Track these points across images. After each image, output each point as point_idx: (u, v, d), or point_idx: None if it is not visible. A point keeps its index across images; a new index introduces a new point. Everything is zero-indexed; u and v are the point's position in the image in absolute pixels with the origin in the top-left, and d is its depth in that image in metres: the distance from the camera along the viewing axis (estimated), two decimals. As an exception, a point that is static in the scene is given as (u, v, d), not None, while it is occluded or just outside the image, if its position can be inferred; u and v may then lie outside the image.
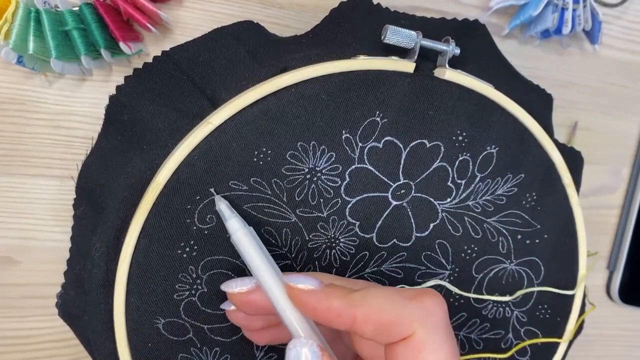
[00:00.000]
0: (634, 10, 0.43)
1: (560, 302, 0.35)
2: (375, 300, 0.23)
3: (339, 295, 0.23)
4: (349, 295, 0.23)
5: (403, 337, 0.22)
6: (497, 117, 0.31)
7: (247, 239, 0.26)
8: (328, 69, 0.28)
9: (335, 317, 0.23)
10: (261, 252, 0.25)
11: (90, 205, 0.31)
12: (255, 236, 0.26)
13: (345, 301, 0.23)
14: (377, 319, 0.22)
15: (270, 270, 0.25)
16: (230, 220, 0.26)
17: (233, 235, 0.26)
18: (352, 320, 0.23)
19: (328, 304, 0.23)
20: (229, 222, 0.26)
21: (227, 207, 0.27)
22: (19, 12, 0.30)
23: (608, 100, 0.44)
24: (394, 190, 0.30)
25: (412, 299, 0.23)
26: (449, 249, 0.32)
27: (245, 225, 0.26)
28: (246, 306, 0.26)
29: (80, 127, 0.34)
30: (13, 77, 0.33)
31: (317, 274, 0.28)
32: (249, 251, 0.25)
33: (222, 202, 0.27)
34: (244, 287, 0.26)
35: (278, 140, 0.27)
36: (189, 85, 0.29)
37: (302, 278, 0.24)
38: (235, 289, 0.26)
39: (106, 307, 0.28)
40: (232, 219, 0.26)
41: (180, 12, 0.35)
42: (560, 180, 0.34)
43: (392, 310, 0.22)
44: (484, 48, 0.34)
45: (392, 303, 0.23)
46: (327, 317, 0.23)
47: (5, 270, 0.34)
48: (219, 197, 0.27)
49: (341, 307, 0.23)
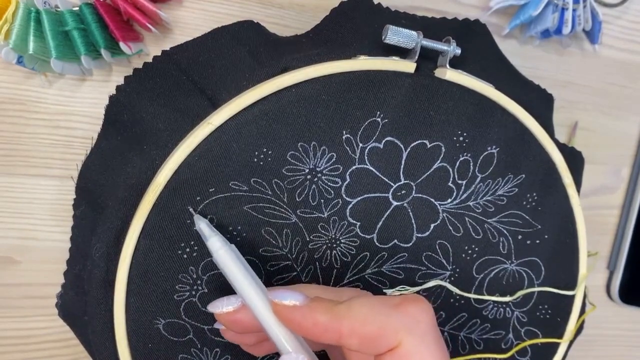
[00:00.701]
0: (634, 10, 0.43)
1: (560, 303, 0.35)
2: (359, 312, 0.23)
3: (323, 309, 0.23)
4: (334, 309, 0.23)
5: (390, 348, 0.22)
6: (498, 117, 0.31)
7: (229, 258, 0.25)
8: (329, 69, 0.28)
9: (322, 332, 0.23)
10: (244, 269, 0.25)
11: (90, 206, 0.31)
12: (238, 254, 0.26)
13: (330, 315, 0.23)
14: (361, 332, 0.22)
15: (254, 287, 0.25)
16: (211, 239, 0.26)
17: (214, 254, 0.25)
18: (339, 334, 0.22)
19: (313, 319, 0.23)
20: (210, 242, 0.25)
21: (207, 226, 0.26)
22: (19, 12, 0.30)
23: (608, 100, 0.44)
24: (394, 190, 0.30)
25: (396, 308, 0.23)
26: (449, 249, 0.32)
27: (226, 243, 0.26)
28: (234, 325, 0.26)
29: (80, 127, 0.34)
30: (13, 77, 0.33)
31: (303, 287, 0.28)
32: (231, 270, 0.25)
33: (201, 221, 0.26)
34: (230, 306, 0.25)
35: (278, 140, 0.27)
36: (189, 85, 0.29)
37: (287, 293, 0.24)
38: (223, 309, 0.25)
39: (106, 308, 0.28)
40: (213, 237, 0.26)
41: (180, 12, 0.35)
42: (561, 180, 0.34)
43: (377, 322, 0.22)
44: (485, 48, 0.34)
45: (376, 314, 0.22)
46: (314, 332, 0.23)
47: (5, 270, 0.34)
48: (198, 216, 0.27)
49: (326, 322, 0.23)
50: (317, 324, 0.23)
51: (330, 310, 0.23)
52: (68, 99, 0.34)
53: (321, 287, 0.29)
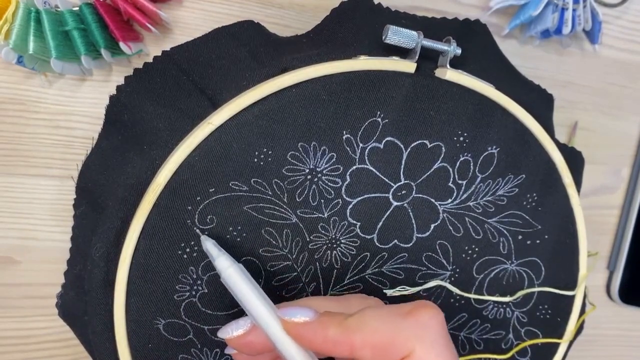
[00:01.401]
0: (634, 10, 0.43)
1: (560, 303, 0.35)
2: (370, 324, 0.23)
3: (334, 323, 0.23)
4: (345, 322, 0.23)
5: (402, 357, 0.22)
6: (498, 117, 0.31)
7: (238, 276, 0.25)
8: (329, 69, 0.28)
9: (333, 347, 0.23)
10: (253, 287, 0.25)
11: (90, 206, 0.31)
12: (246, 272, 0.25)
13: (341, 329, 0.23)
14: (373, 343, 0.22)
15: (265, 306, 0.24)
16: (219, 259, 0.25)
17: (223, 273, 0.25)
18: (350, 347, 0.23)
19: (324, 334, 0.23)
20: (218, 261, 0.25)
21: (214, 246, 0.26)
22: (19, 12, 0.30)
23: (608, 100, 0.44)
24: (394, 190, 0.30)
25: (406, 316, 0.23)
26: (449, 249, 0.32)
27: (234, 262, 0.25)
28: (246, 348, 0.25)
29: (80, 127, 0.34)
30: (13, 77, 0.33)
31: (310, 300, 0.28)
32: (241, 289, 0.25)
33: (208, 241, 0.26)
34: (240, 329, 0.25)
35: (279, 140, 0.27)
36: (189, 85, 0.29)
37: (296, 310, 0.24)
38: (233, 334, 0.25)
39: (106, 308, 0.28)
40: (221, 257, 0.25)
41: (180, 12, 0.35)
42: (561, 180, 0.34)
43: (388, 332, 0.22)
44: (485, 48, 0.34)
45: (387, 324, 0.23)
46: (325, 347, 0.23)
47: (5, 270, 0.34)
48: (205, 237, 0.27)
49: (337, 336, 0.23)
50: (327, 338, 0.23)
51: (341, 325, 0.23)
52: (68, 99, 0.34)
53: (327, 299, 0.29)
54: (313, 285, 0.30)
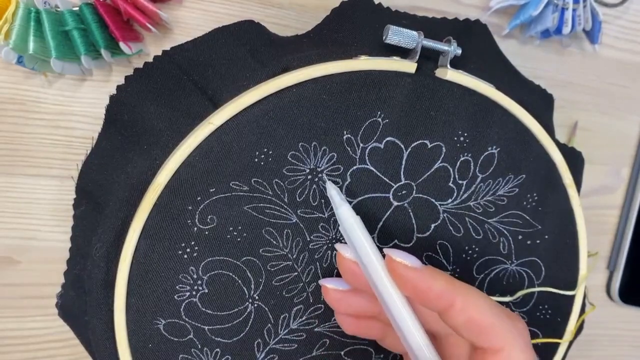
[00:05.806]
0: (634, 10, 0.43)
1: (560, 303, 0.35)
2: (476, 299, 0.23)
3: (443, 278, 0.24)
4: (453, 281, 0.24)
5: (492, 347, 0.23)
6: (498, 117, 0.31)
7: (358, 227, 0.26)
8: (329, 69, 0.28)
9: (435, 298, 0.24)
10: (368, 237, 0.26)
11: (91, 205, 0.30)
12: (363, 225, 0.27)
13: (448, 286, 0.24)
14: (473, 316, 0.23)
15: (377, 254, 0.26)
16: (341, 208, 0.27)
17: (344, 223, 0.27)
18: (450, 304, 0.23)
19: (429, 283, 0.24)
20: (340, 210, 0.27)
21: (338, 194, 0.27)
22: (19, 12, 0.30)
23: (608, 100, 0.44)
24: (395, 190, 0.30)
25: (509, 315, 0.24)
26: (450, 249, 0.32)
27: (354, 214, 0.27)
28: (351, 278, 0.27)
29: (80, 127, 0.34)
30: (13, 77, 0.33)
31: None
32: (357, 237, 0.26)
33: (333, 189, 0.28)
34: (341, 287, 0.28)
35: (279, 140, 0.27)
36: (189, 85, 0.29)
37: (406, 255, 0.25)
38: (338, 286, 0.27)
39: (106, 308, 0.28)
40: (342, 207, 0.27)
41: (180, 12, 0.35)
42: (561, 180, 0.34)
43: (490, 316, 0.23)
44: (485, 48, 0.34)
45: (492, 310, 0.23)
46: (427, 296, 0.24)
47: (5, 270, 0.34)
48: (330, 184, 0.28)
49: (443, 290, 0.23)
50: (432, 289, 0.24)
51: (450, 282, 0.24)
52: (68, 99, 0.34)
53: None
54: (313, 285, 0.30)
